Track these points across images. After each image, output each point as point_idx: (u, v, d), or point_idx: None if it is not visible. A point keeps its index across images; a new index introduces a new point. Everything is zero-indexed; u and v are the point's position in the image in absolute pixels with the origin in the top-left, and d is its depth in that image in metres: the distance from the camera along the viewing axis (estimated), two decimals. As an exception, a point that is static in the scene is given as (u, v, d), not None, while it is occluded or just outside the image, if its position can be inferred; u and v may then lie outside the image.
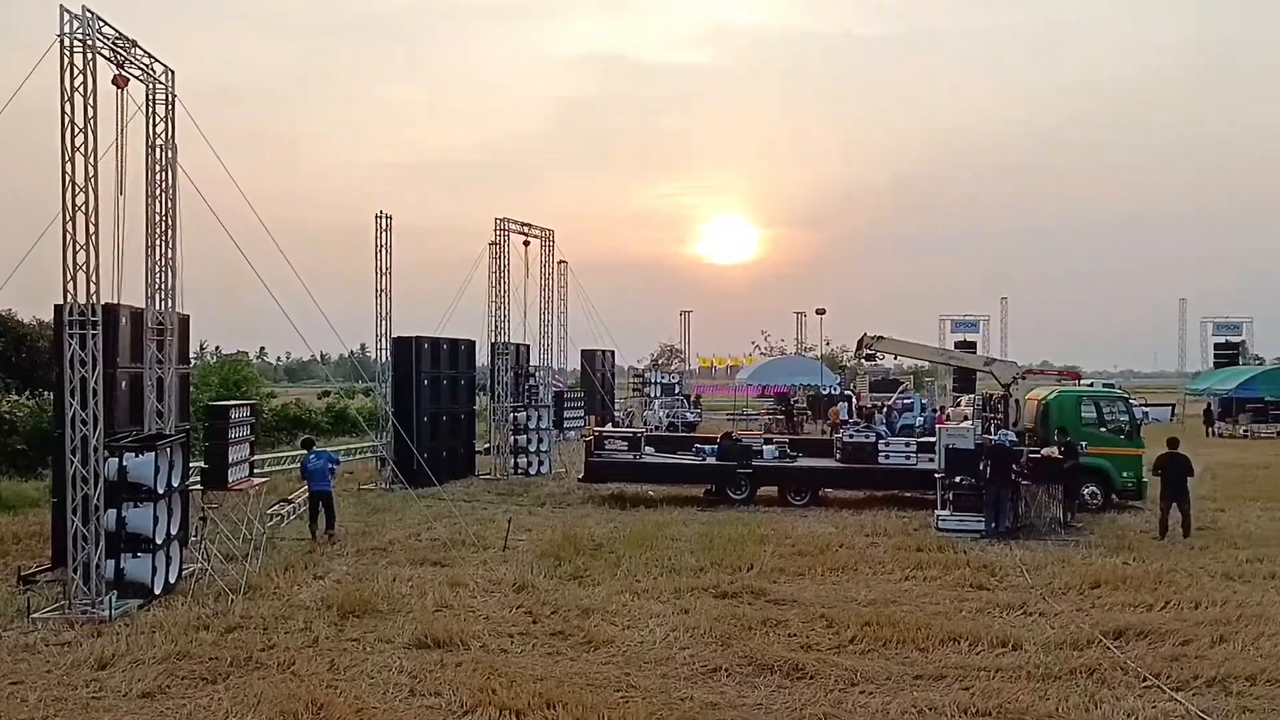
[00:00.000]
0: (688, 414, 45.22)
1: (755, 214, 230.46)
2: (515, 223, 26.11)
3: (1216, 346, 57.04)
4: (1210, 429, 44.10)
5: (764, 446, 21.77)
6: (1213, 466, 26.32)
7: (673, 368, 65.35)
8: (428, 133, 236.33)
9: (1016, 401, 20.52)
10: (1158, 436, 20.79)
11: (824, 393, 46.28)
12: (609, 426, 29.74)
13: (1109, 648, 9.88)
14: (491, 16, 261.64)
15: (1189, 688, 8.76)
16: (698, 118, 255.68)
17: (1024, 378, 21.76)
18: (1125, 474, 19.56)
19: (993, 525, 16.47)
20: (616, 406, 43.63)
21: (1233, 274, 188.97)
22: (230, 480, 14.23)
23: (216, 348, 52.49)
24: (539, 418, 26.53)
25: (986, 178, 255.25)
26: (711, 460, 21.35)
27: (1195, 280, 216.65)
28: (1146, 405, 50.59)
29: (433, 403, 24.25)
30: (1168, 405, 55.79)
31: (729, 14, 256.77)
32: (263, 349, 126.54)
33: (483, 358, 27.38)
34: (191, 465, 13.96)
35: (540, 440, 26.47)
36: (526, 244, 26.73)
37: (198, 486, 13.88)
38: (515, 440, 25.95)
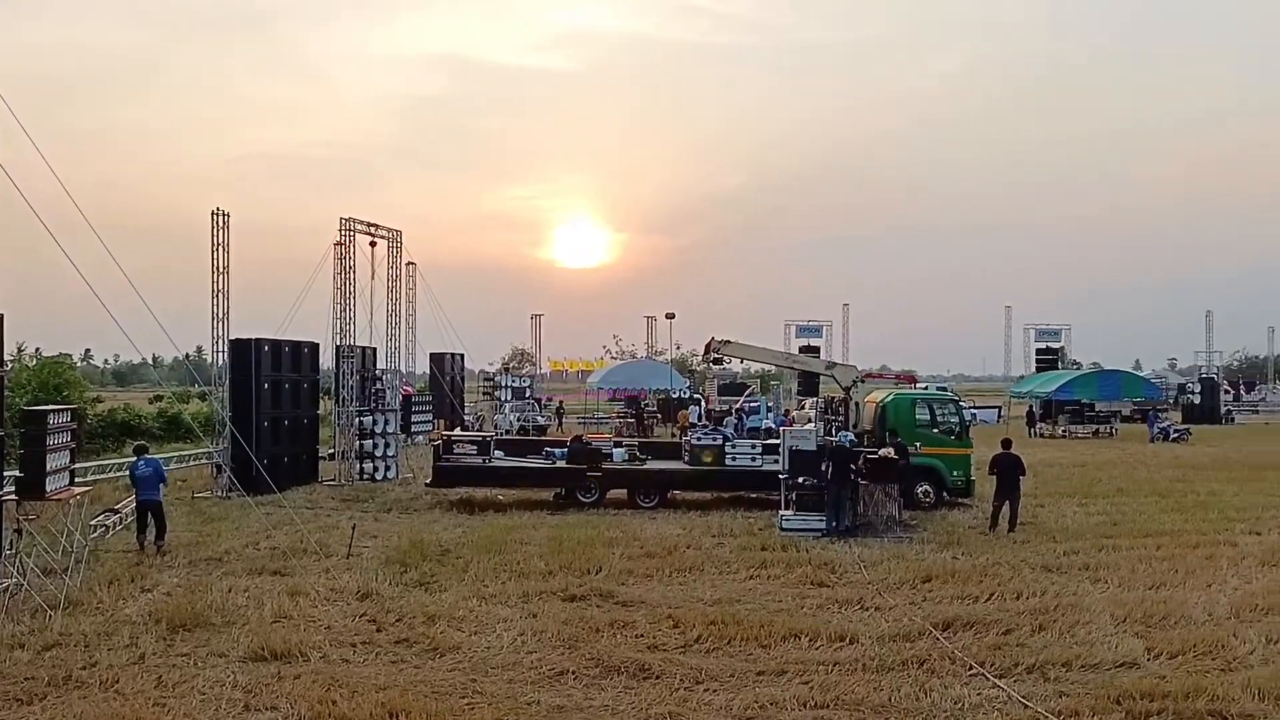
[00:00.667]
0: (539, 417, 45.14)
1: (609, 218, 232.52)
2: (361, 222, 25.50)
3: (1038, 352, 60.47)
4: (1032, 429, 46.72)
5: (613, 449, 21.90)
6: (1034, 465, 27.71)
7: (524, 371, 65.04)
8: (274, 128, 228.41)
9: (856, 404, 21.30)
10: (986, 437, 21.96)
11: (674, 396, 46.89)
12: (458, 430, 29.34)
13: (938, 639, 10.34)
14: (343, 11, 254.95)
15: (1011, 675, 9.26)
16: (553, 121, 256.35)
17: (863, 381, 22.56)
18: (956, 473, 20.54)
19: (833, 524, 17.02)
20: (466, 410, 43.10)
21: (1053, 283, 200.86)
22: (48, 489, 13.36)
23: (37, 350, 49.28)
24: (385, 422, 25.97)
25: (833, 187, 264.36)
26: (561, 464, 21.34)
27: (1020, 289, 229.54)
28: (975, 407, 53.24)
29: (274, 407, 23.43)
30: (995, 407, 58.91)
31: (585, 19, 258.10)
32: (88, 351, 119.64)
33: (327, 361, 26.62)
34: (5, 474, 13.04)
35: (387, 445, 25.91)
36: (373, 244, 26.14)
37: (11, 497, 12.98)
38: (361, 445, 25.33)
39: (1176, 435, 42.79)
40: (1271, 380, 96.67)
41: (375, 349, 27.23)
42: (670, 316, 55.05)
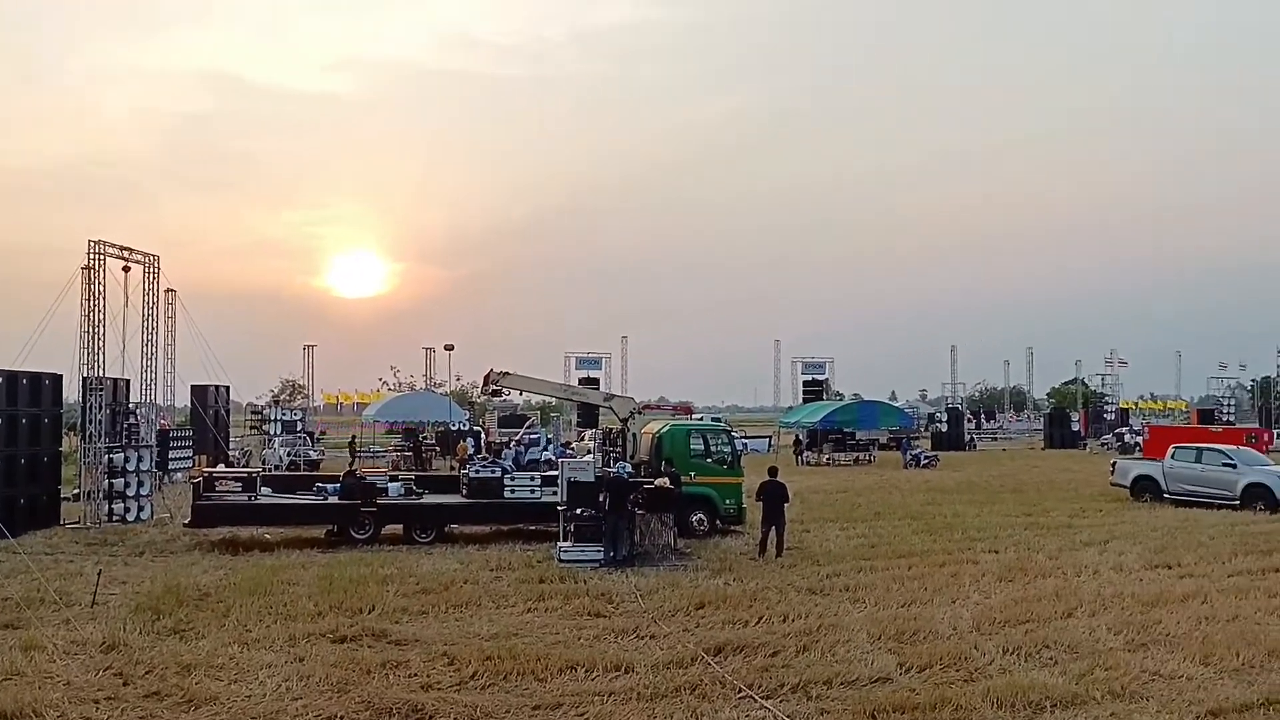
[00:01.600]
0: (312, 452, 43.37)
1: (387, 247, 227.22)
2: (114, 246, 23.80)
3: (805, 383, 63.69)
4: (799, 457, 49.02)
5: (389, 484, 21.33)
6: (801, 492, 29.18)
7: (295, 404, 62.42)
8: (19, 142, 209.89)
9: (634, 435, 21.70)
10: (757, 465, 22.83)
11: (453, 428, 46.24)
12: (221, 466, 27.76)
13: (710, 664, 10.62)
14: (101, 22, 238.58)
15: (777, 695, 9.62)
16: (330, 146, 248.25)
17: (641, 412, 23.01)
18: (728, 501, 21.24)
19: (611, 554, 17.21)
20: (232, 446, 40.86)
21: (818, 317, 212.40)
22: None
23: None
24: (139, 459, 24.23)
25: (612, 219, 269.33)
26: (333, 499, 20.59)
27: (789, 322, 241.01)
28: (746, 437, 55.25)
29: (8, 444, 21.41)
30: (766, 436, 61.41)
31: (365, 44, 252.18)
32: None
33: (74, 393, 24.58)
34: None
35: (140, 483, 24.16)
36: (126, 269, 24.44)
37: None
38: (110, 484, 23.50)
39: (927, 461, 45.95)
40: (1008, 409, 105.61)
41: (129, 381, 25.40)
42: (449, 348, 54.41)
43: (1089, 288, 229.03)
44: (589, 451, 24.26)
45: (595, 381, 59.99)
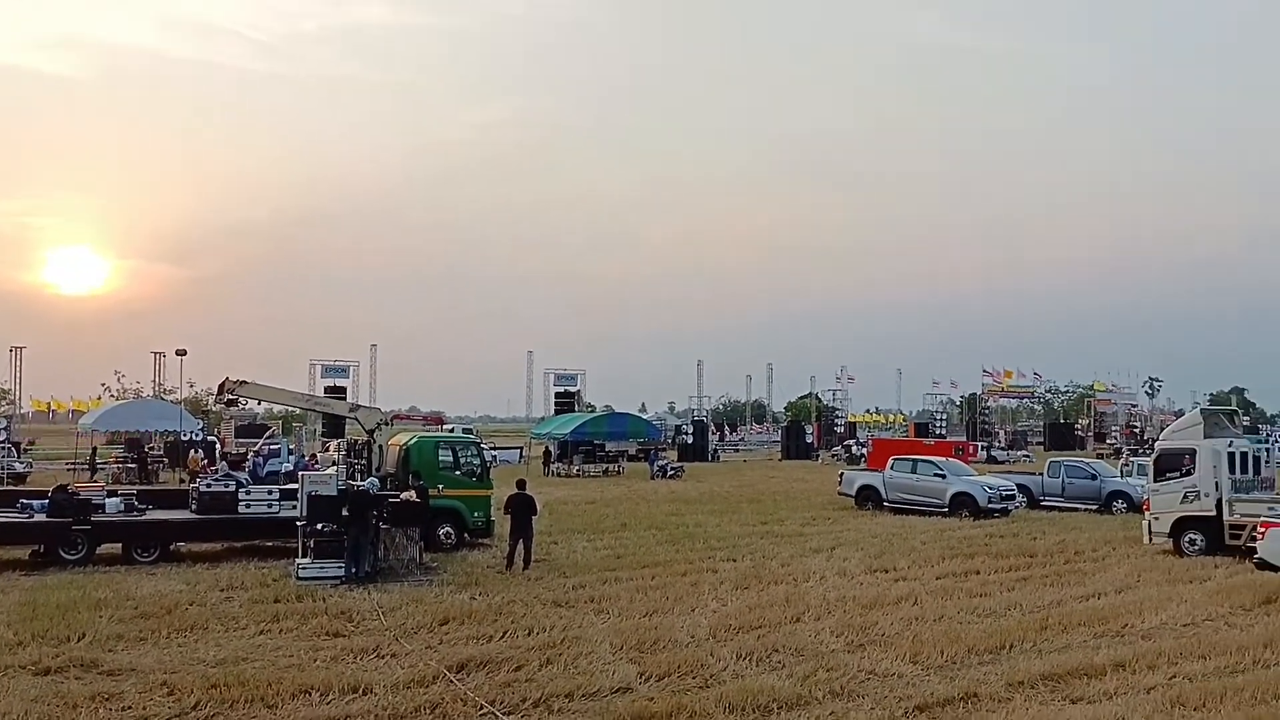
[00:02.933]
0: (17, 463, 39.43)
1: (112, 243, 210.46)
2: None
3: (557, 395, 64.15)
4: (548, 468, 49.28)
5: (107, 499, 19.68)
6: (550, 503, 29.33)
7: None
8: None
9: (380, 447, 21.11)
10: (508, 477, 22.78)
11: (184, 438, 43.31)
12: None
13: (452, 681, 10.49)
14: None
15: (519, 710, 9.63)
16: (47, 130, 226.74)
17: (390, 423, 22.43)
18: (476, 514, 21.03)
19: (352, 570, 16.65)
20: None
21: (571, 329, 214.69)
22: None
23: None
24: None
25: (361, 226, 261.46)
26: (41, 517, 18.79)
27: (541, 334, 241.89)
28: (496, 448, 55.02)
29: None
30: (517, 448, 61.33)
31: (94, 22, 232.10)
32: None
33: None
34: None
35: None
36: None
37: None
38: None
39: (673, 473, 47.37)
40: (749, 422, 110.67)
41: None
42: (181, 353, 51.12)
43: (823, 308, 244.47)
44: (333, 463, 23.41)
45: (342, 391, 57.94)
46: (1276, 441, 60.43)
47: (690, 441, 67.09)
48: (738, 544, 21.84)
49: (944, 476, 29.06)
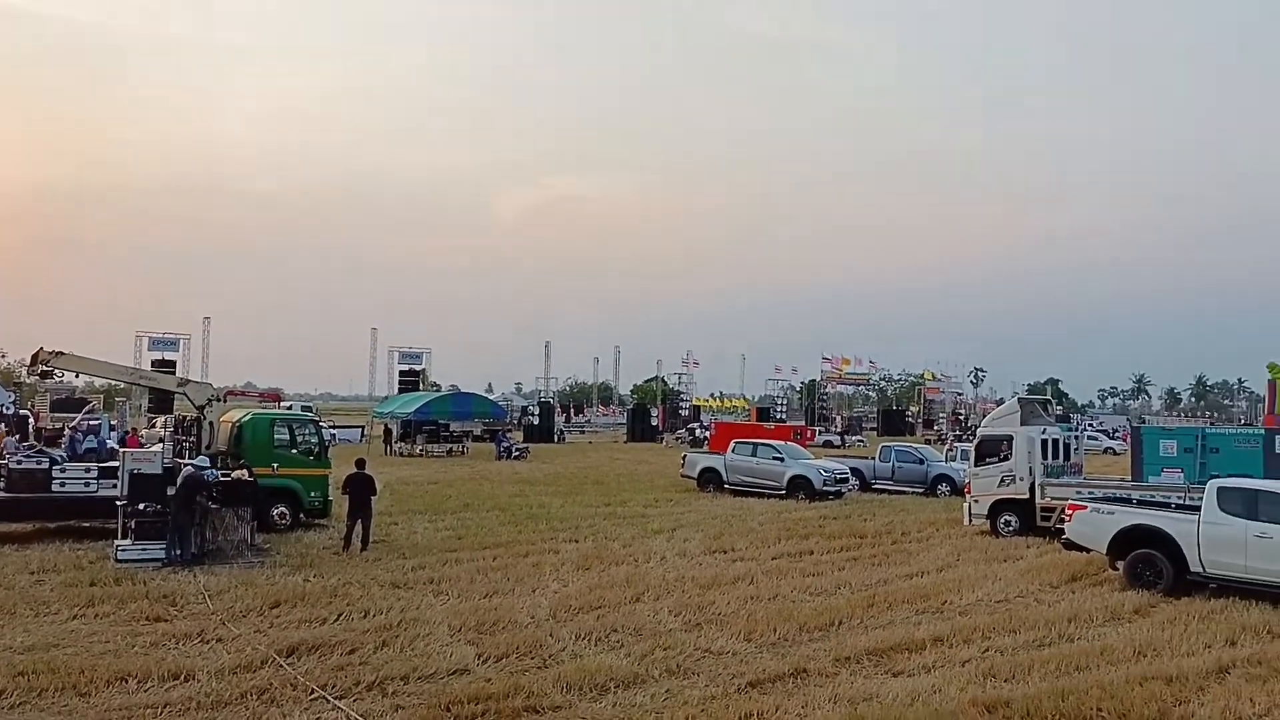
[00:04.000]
0: None
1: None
2: None
3: (401, 373, 62.69)
4: (389, 448, 48.30)
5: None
6: (392, 483, 28.83)
7: None
8: None
9: (211, 424, 20.22)
10: (348, 456, 22.18)
11: (-7, 412, 40.40)
12: None
13: (282, 665, 10.16)
14: None
15: (352, 694, 9.41)
16: None
17: (224, 399, 21.50)
18: (313, 493, 20.40)
19: (176, 552, 15.91)
20: None
21: (417, 308, 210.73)
22: None
23: None
24: None
25: (197, 198, 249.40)
26: None
27: (385, 311, 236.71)
28: (336, 427, 53.54)
29: None
30: (359, 427, 59.88)
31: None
32: None
33: None
34: None
35: None
36: None
37: None
38: None
39: (518, 453, 47.19)
40: (595, 404, 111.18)
41: None
42: (-9, 320, 47.51)
43: (670, 293, 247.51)
44: (160, 440, 22.29)
45: (172, 364, 55.29)
46: (1085, 430, 64.68)
47: (536, 423, 66.95)
48: (580, 525, 21.92)
49: (782, 460, 29.89)
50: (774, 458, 30.06)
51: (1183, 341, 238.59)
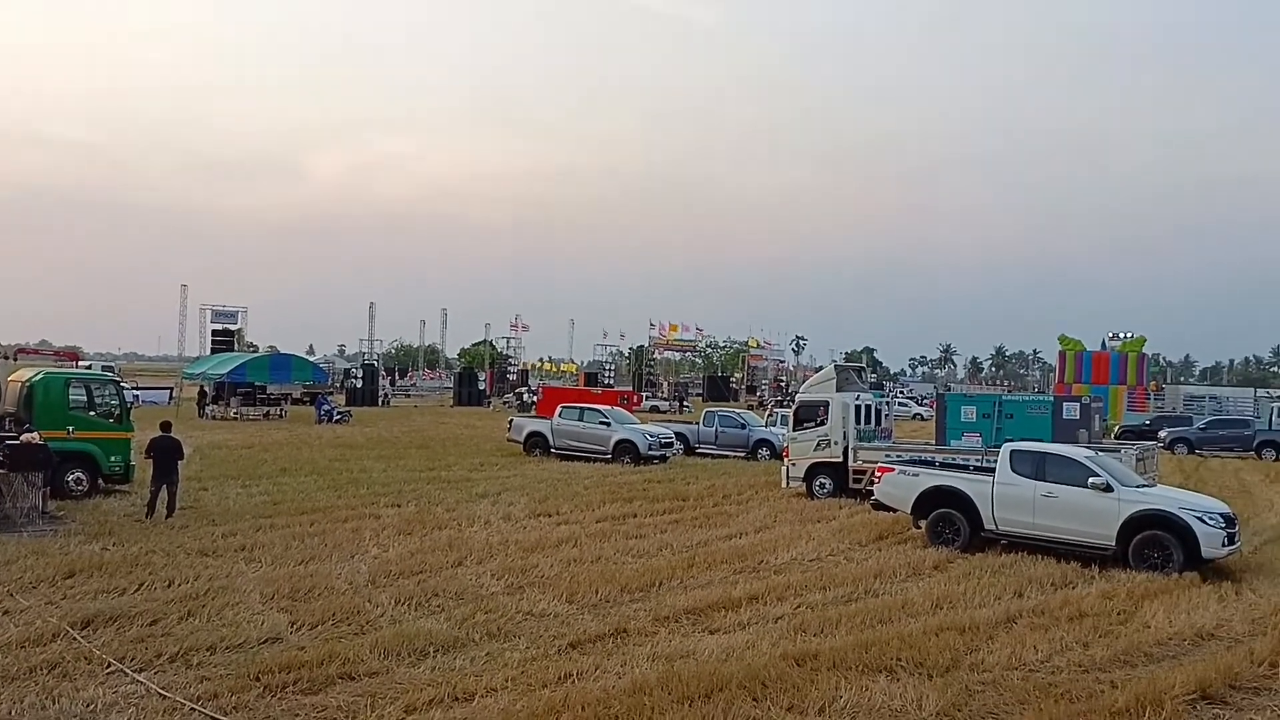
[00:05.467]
0: None
1: None
2: None
3: (214, 333, 59.78)
4: (203, 411, 46.15)
5: None
6: (203, 447, 27.55)
7: None
8: None
9: (-1, 384, 18.78)
10: (154, 418, 21.02)
11: None
12: None
13: (76, 638, 9.56)
14: None
15: (153, 666, 8.94)
16: None
17: (14, 358, 20.00)
18: (114, 458, 19.26)
19: (-43, 521, 14.75)
20: None
21: (230, 265, 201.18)
22: None
23: None
24: None
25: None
26: None
27: (197, 268, 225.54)
28: (140, 388, 50.86)
29: None
30: (167, 388, 56.99)
31: None
32: None
33: None
34: None
35: None
36: None
37: None
38: None
39: (339, 417, 45.91)
40: (422, 368, 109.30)
41: None
42: None
43: (500, 255, 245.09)
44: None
45: (-47, 318, 51.01)
46: (896, 397, 68.01)
47: (360, 386, 65.28)
48: (403, 489, 21.53)
49: (608, 425, 30.17)
50: (600, 422, 30.31)
51: (986, 315, 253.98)
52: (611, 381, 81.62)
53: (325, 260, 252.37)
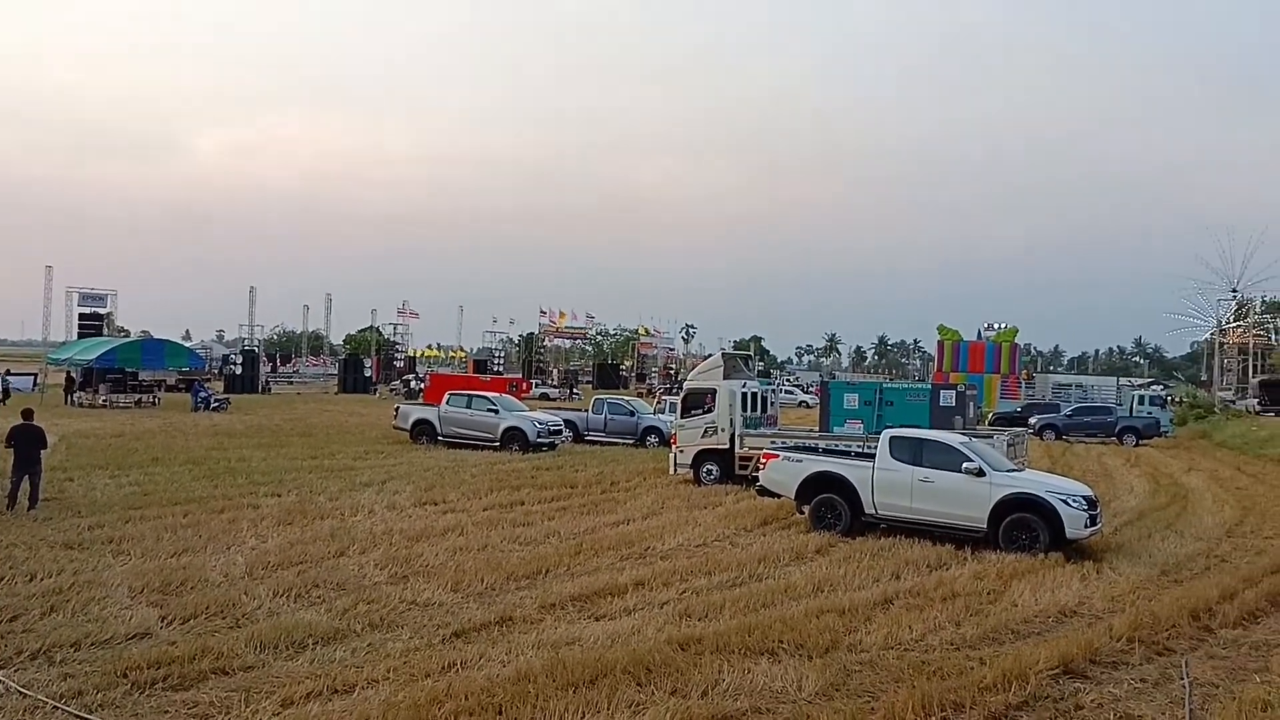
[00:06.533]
0: None
1: None
2: None
3: (82, 317, 57.05)
4: (70, 398, 44.13)
5: None
6: (69, 436, 26.38)
7: None
8: None
9: None
10: (16, 406, 19.99)
11: None
12: None
13: (-76, 638, 9.05)
14: None
15: (13, 664, 8.53)
16: None
17: None
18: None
19: None
20: None
21: (100, 246, 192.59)
22: None
23: None
24: None
25: None
26: None
27: (63, 249, 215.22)
28: (10, 374, 48.47)
29: None
30: (30, 374, 54.30)
31: None
32: None
33: None
34: None
35: None
36: None
37: None
38: None
39: (217, 404, 44.43)
40: (305, 354, 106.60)
41: None
42: None
43: (387, 239, 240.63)
44: None
45: None
46: (782, 384, 69.27)
47: (239, 372, 63.41)
48: (284, 479, 20.97)
49: (497, 412, 29.93)
50: (489, 410, 30.04)
51: (870, 305, 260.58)
52: (501, 369, 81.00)
53: (204, 243, 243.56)
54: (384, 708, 7.75)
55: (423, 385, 52.36)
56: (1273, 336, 73.38)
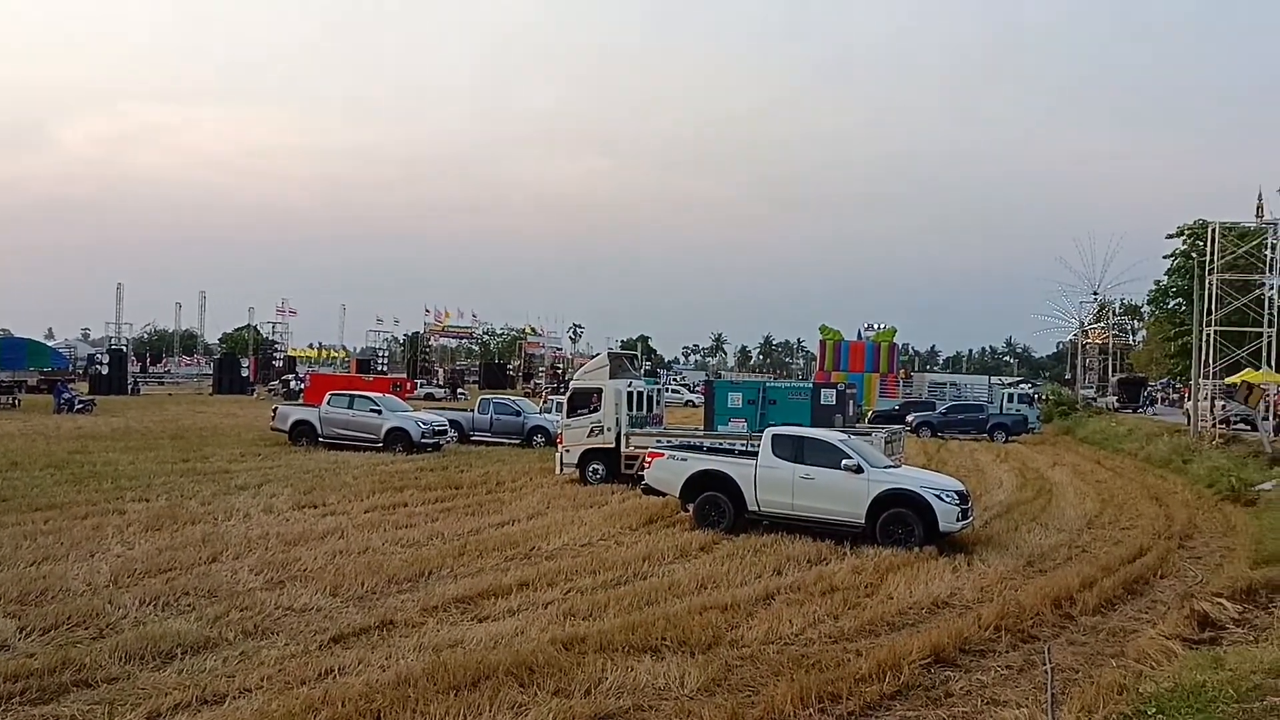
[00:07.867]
0: None
1: None
2: None
3: (-66, 314, 54.03)
4: (-79, 400, 41.67)
5: None
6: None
7: None
8: None
9: None
10: None
11: None
12: None
13: None
14: None
15: None
16: None
17: None
18: None
19: None
20: None
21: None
22: None
23: None
24: None
25: None
26: None
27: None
28: None
29: None
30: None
31: None
32: None
33: None
34: None
35: None
36: None
37: None
38: None
39: (81, 406, 42.50)
40: (178, 353, 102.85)
41: None
42: None
43: (266, 235, 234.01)
44: None
45: None
46: (669, 383, 69.86)
47: (106, 373, 60.74)
48: (153, 483, 20.18)
49: (380, 412, 29.40)
50: (371, 410, 29.49)
51: (756, 306, 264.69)
52: (384, 368, 79.55)
53: (68, 237, 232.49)
54: (256, 717, 7.55)
55: (303, 385, 51.07)
56: (1130, 337, 77.39)
